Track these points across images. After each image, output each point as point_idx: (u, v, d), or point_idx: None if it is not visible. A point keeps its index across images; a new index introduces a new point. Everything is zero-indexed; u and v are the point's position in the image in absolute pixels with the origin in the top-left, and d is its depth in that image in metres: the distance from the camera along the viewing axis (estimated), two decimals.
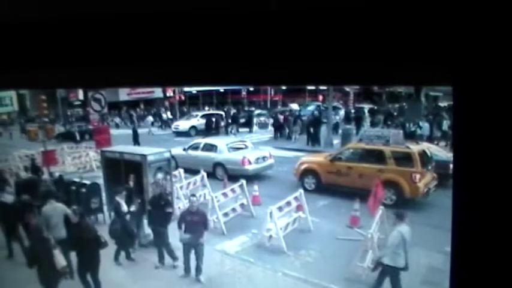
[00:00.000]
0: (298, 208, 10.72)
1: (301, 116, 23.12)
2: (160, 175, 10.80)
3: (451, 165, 1.33)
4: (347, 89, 28.51)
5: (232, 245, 10.21)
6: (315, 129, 19.93)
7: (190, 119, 24.90)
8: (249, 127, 25.11)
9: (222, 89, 31.24)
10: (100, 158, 12.98)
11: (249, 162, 14.72)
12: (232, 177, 13.47)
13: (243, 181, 11.74)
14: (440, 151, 14.30)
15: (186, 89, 30.51)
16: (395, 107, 27.24)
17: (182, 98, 32.16)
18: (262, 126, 25.83)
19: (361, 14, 1.20)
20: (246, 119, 25.92)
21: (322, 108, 25.12)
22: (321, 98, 30.31)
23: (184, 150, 15.98)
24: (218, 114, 25.08)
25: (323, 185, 13.46)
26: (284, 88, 31.25)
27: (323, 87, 26.46)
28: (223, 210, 10.98)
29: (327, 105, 23.57)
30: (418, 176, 11.94)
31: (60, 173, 13.81)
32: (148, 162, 10.71)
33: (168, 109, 30.70)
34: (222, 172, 14.70)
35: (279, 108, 30.47)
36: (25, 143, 21.06)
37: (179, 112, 30.06)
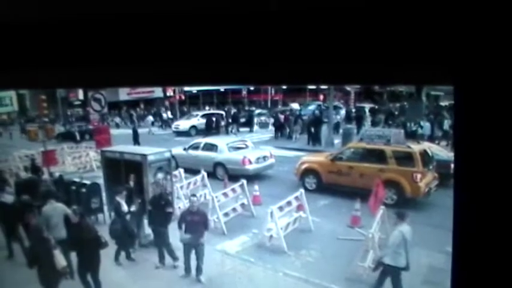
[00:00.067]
0: (299, 208, 10.72)
1: (302, 116, 23.07)
2: (160, 175, 10.79)
3: (452, 165, 1.33)
4: (348, 88, 28.51)
5: (232, 245, 10.20)
6: (316, 129, 19.90)
7: (191, 119, 24.87)
8: (249, 127, 25.07)
9: (222, 88, 31.22)
10: (100, 158, 12.98)
11: (250, 162, 14.71)
12: (233, 177, 13.46)
13: (244, 181, 11.75)
14: (442, 151, 14.28)
15: (187, 88, 30.48)
16: (396, 106, 27.16)
17: (182, 97, 32.12)
18: (263, 125, 25.80)
19: (361, 14, 1.20)
20: (247, 119, 25.89)
21: (323, 107, 25.10)
22: (321, 97, 30.30)
23: (184, 150, 15.97)
24: (218, 114, 25.04)
25: (324, 184, 13.45)
26: (285, 87, 31.23)
27: (324, 87, 26.45)
28: (223, 210, 10.99)
29: (327, 104, 23.56)
30: (419, 176, 11.93)
31: (60, 173, 13.81)
32: (149, 162, 10.70)
33: (168, 109, 30.66)
34: (222, 172, 14.69)
35: (279, 107, 30.44)
36: (25, 143, 21.06)
37: (179, 112, 30.01)
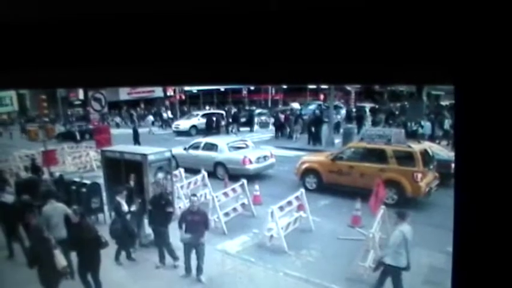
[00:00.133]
0: (299, 208, 10.71)
1: (302, 115, 23.07)
2: (160, 175, 10.79)
3: (453, 165, 1.33)
4: (348, 88, 28.52)
5: (233, 244, 10.20)
6: (316, 129, 19.90)
7: (191, 118, 24.88)
8: (249, 126, 25.06)
9: (222, 88, 31.22)
10: (100, 157, 12.98)
11: (250, 162, 14.71)
12: (233, 176, 13.46)
13: (244, 180, 11.75)
14: (442, 150, 14.28)
15: (187, 88, 30.47)
16: (396, 106, 27.16)
17: (183, 97, 32.12)
18: (263, 125, 25.80)
19: (361, 14, 1.19)
20: (247, 118, 25.87)
21: (324, 107, 25.11)
22: (322, 97, 30.31)
23: (184, 149, 15.97)
24: (219, 114, 25.04)
25: (324, 184, 13.45)
26: (285, 87, 31.23)
27: (324, 86, 26.47)
28: (224, 210, 10.98)
29: (328, 104, 23.56)
30: (419, 176, 11.92)
31: (60, 172, 13.82)
32: (149, 161, 10.70)
33: (168, 108, 30.67)
34: (222, 171, 14.69)
35: (280, 107, 30.44)
36: (25, 143, 21.08)
37: (180, 111, 30.02)
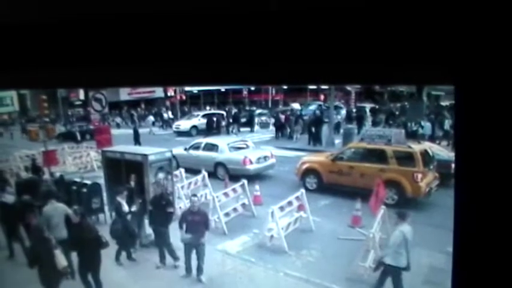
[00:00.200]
0: (300, 208, 10.70)
1: (303, 116, 23.08)
2: (161, 175, 10.79)
3: (453, 165, 1.33)
4: (348, 88, 28.52)
5: (233, 245, 10.20)
6: (317, 129, 19.89)
7: (192, 119, 24.87)
8: (250, 127, 25.04)
9: (223, 88, 31.24)
10: (101, 158, 12.98)
11: (250, 162, 14.70)
12: (234, 177, 13.46)
13: (245, 181, 11.75)
14: (442, 150, 14.27)
15: (187, 88, 30.49)
16: (397, 106, 27.15)
17: (183, 97, 32.12)
18: (264, 125, 25.79)
19: (361, 14, 1.19)
20: (247, 119, 25.85)
21: (324, 107, 25.11)
22: (322, 97, 30.29)
23: (185, 150, 15.98)
24: (219, 114, 25.05)
25: (324, 184, 13.44)
26: (285, 87, 31.23)
27: (324, 87, 26.45)
28: (224, 210, 10.98)
29: (328, 104, 23.55)
30: (419, 176, 11.91)
31: (61, 173, 13.81)
32: (150, 162, 10.70)
33: (169, 109, 30.67)
34: (223, 172, 14.68)
35: (280, 107, 30.45)
36: (26, 143, 21.06)
37: (180, 112, 30.01)
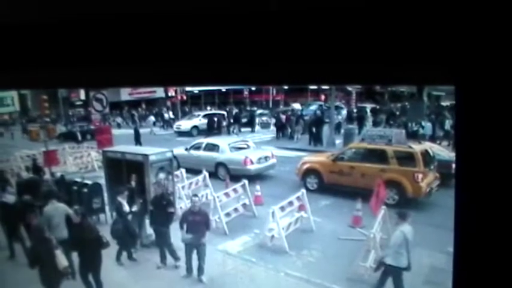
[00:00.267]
0: (300, 208, 10.69)
1: (303, 116, 23.11)
2: (162, 175, 10.78)
3: (454, 165, 1.33)
4: (349, 88, 28.53)
5: (234, 245, 10.19)
6: (317, 129, 19.90)
7: (192, 119, 24.89)
8: (251, 127, 25.06)
9: (224, 88, 31.29)
10: (102, 158, 12.97)
11: (251, 162, 14.71)
12: (234, 177, 13.46)
13: (245, 181, 11.74)
14: (443, 150, 14.27)
15: (188, 88, 30.53)
16: (397, 106, 27.20)
17: (184, 97, 32.16)
18: (264, 126, 25.81)
19: (362, 14, 1.19)
20: (248, 119, 25.88)
21: (325, 107, 25.12)
22: (323, 97, 30.31)
23: (186, 150, 15.99)
24: (220, 114, 25.06)
25: (325, 184, 13.44)
26: (286, 88, 31.24)
27: (325, 87, 26.45)
28: (225, 210, 10.97)
29: (329, 104, 23.55)
30: (420, 176, 11.90)
31: (61, 173, 13.82)
32: (150, 162, 10.70)
33: (170, 109, 30.72)
34: (224, 172, 14.69)
35: (281, 107, 30.49)
36: (26, 143, 21.09)
37: (181, 112, 30.03)
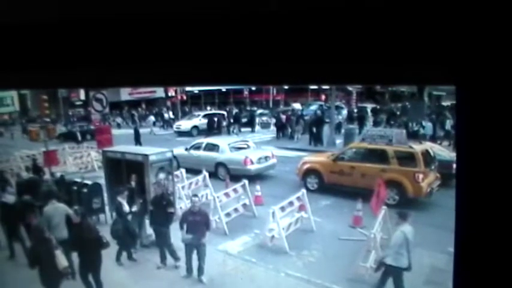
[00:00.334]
0: (301, 208, 10.69)
1: (304, 116, 23.10)
2: (162, 175, 10.78)
3: (454, 165, 1.32)
4: (350, 88, 28.52)
5: (234, 245, 10.20)
6: (318, 129, 19.89)
7: (192, 119, 24.89)
8: (251, 127, 25.05)
9: (224, 88, 31.27)
10: (101, 158, 12.98)
11: (251, 162, 14.70)
12: (235, 177, 13.45)
13: (245, 181, 11.74)
14: (443, 151, 14.27)
15: (188, 88, 30.52)
16: (398, 106, 27.17)
17: (184, 97, 32.16)
18: (265, 125, 25.79)
19: (362, 14, 1.19)
20: (248, 119, 25.87)
21: (325, 107, 25.10)
22: (323, 97, 30.30)
23: (186, 150, 15.99)
24: (220, 114, 25.05)
25: (325, 184, 13.43)
26: (286, 87, 31.23)
27: (325, 87, 26.46)
28: (225, 210, 10.97)
29: (329, 104, 23.57)
30: (421, 176, 11.90)
31: (61, 173, 13.83)
32: (150, 162, 10.69)
33: (170, 109, 30.72)
34: (224, 172, 14.69)
35: (281, 107, 30.48)
36: (26, 143, 21.08)
37: (181, 112, 30.02)
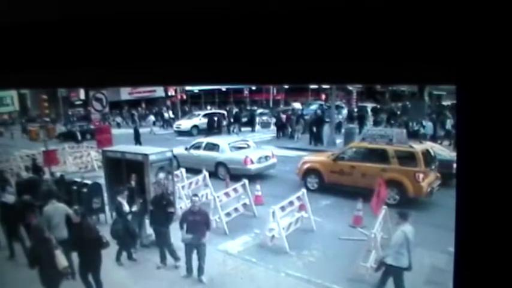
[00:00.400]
0: (301, 208, 10.69)
1: (304, 115, 23.06)
2: (162, 175, 10.78)
3: (455, 165, 1.32)
4: (350, 88, 28.50)
5: (234, 245, 10.20)
6: (318, 129, 19.87)
7: (192, 118, 24.86)
8: (251, 126, 25.01)
9: (224, 88, 31.25)
10: (101, 157, 12.97)
11: (252, 162, 14.69)
12: (235, 176, 13.44)
13: (246, 181, 11.74)
14: (444, 150, 14.26)
15: (188, 88, 30.50)
16: (398, 106, 27.14)
17: (184, 97, 32.14)
18: (265, 125, 25.75)
19: (362, 14, 1.18)
20: (248, 118, 25.82)
21: (325, 107, 25.06)
22: (323, 97, 30.27)
23: (186, 149, 15.97)
24: (220, 114, 25.02)
25: (326, 184, 13.43)
26: (286, 87, 31.20)
27: (326, 86, 26.46)
28: (225, 210, 10.97)
29: (329, 104, 23.54)
30: (421, 176, 11.89)
31: (61, 172, 13.83)
32: (150, 161, 10.69)
33: (169, 108, 30.68)
34: (224, 172, 14.68)
35: (281, 107, 30.43)
36: (26, 143, 21.07)
37: (181, 111, 29.98)
